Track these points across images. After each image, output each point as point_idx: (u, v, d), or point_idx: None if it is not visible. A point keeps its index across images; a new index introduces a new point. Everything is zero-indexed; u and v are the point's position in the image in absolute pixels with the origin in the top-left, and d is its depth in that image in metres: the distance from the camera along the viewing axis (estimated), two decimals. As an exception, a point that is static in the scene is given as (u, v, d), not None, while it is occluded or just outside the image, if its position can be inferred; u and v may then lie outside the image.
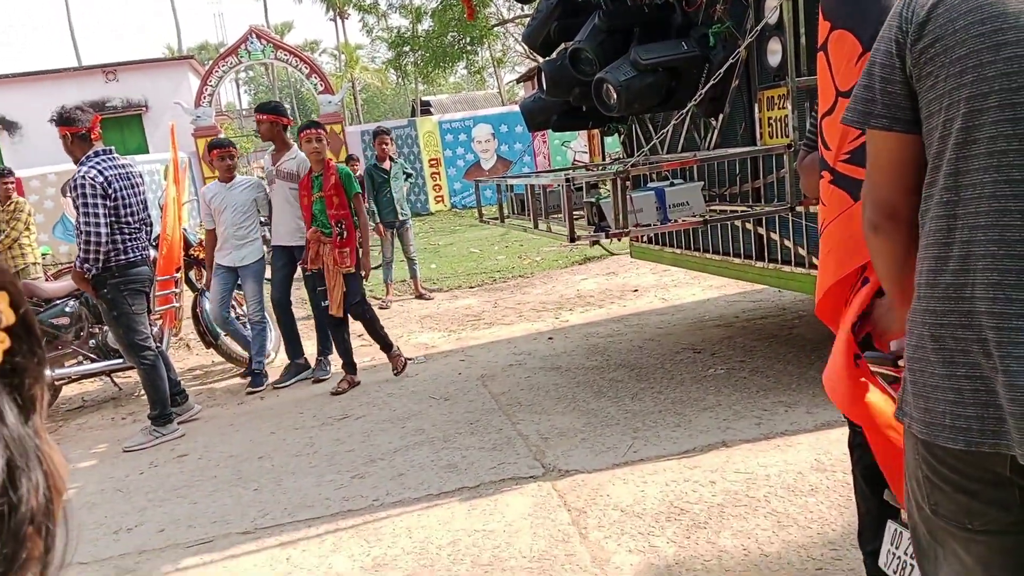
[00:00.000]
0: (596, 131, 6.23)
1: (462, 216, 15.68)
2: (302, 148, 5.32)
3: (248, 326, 5.70)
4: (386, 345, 5.37)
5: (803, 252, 4.01)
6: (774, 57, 4.03)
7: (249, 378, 5.58)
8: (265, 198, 5.67)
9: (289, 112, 6.25)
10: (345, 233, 5.10)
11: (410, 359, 5.81)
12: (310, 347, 5.83)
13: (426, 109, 24.41)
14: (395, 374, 5.35)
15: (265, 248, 5.72)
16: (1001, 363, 1.15)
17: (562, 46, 5.07)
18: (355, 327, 5.45)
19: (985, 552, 1.25)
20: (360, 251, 5.22)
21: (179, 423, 4.83)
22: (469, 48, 25.37)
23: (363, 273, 5.36)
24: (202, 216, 5.73)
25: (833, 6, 1.74)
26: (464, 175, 16.80)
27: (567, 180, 4.06)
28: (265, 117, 5.52)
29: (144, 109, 22.02)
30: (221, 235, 5.56)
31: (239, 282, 5.66)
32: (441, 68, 26.63)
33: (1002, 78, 1.12)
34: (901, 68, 1.25)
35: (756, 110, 4.29)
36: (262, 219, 5.80)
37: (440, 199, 16.96)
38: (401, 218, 7.78)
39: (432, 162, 16.87)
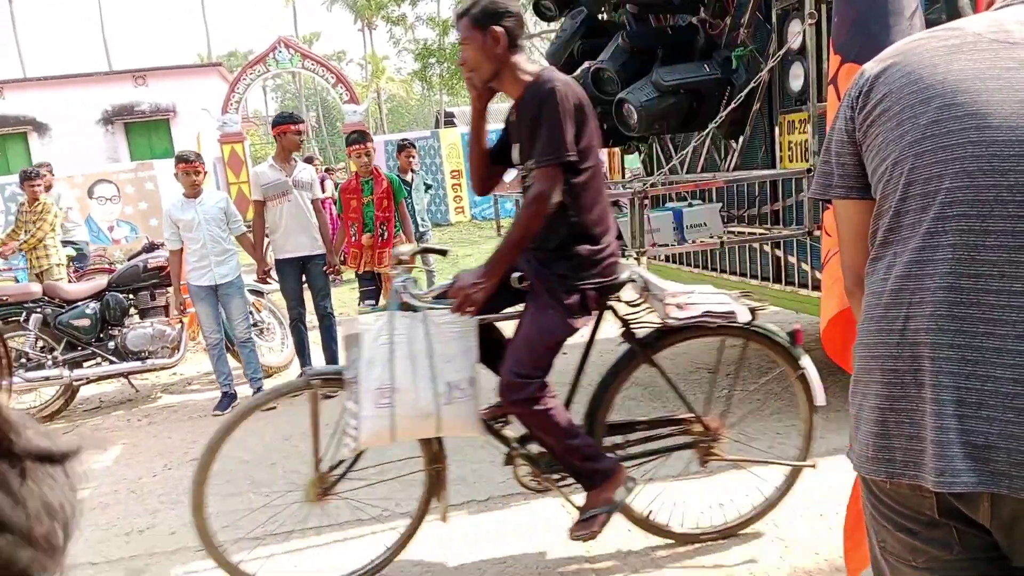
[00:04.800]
0: (616, 149, 6.27)
1: (482, 228, 15.74)
2: (352, 161, 5.79)
3: (241, 343, 5.44)
4: None
5: (820, 275, 4.00)
6: (796, 82, 4.05)
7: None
8: (234, 210, 5.45)
9: (316, 120, 6.37)
10: (386, 235, 5.51)
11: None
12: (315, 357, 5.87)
13: (450, 120, 24.53)
14: None
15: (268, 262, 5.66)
16: (932, 392, 1.19)
17: (585, 65, 5.12)
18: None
19: None
20: None
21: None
22: (494, 62, 25.55)
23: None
24: (166, 235, 5.35)
25: (844, 40, 1.76)
26: (485, 187, 16.92)
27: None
28: (298, 127, 5.53)
29: (172, 114, 22.36)
30: (195, 253, 5.25)
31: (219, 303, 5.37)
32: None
33: (933, 124, 1.22)
34: (851, 141, 1.36)
35: (777, 133, 4.30)
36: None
37: (460, 210, 17.06)
38: (422, 229, 7.82)
39: (454, 173, 16.98)
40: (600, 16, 5.28)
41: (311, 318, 5.66)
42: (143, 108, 22.41)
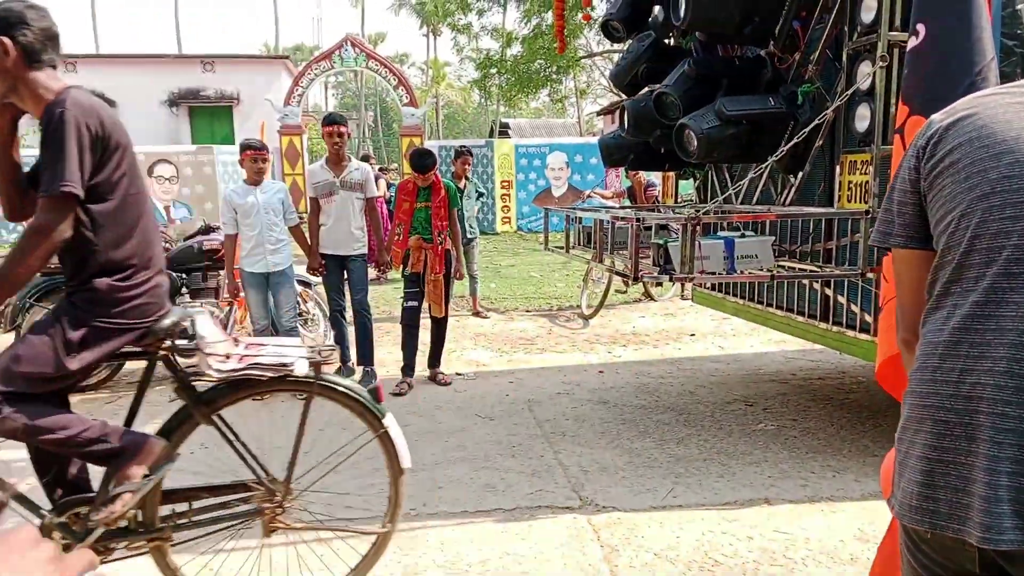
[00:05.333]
0: (671, 174, 6.27)
1: (527, 239, 15.80)
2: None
3: (286, 331, 5.47)
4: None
5: (869, 319, 3.97)
6: (862, 123, 4.01)
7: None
8: (290, 202, 5.58)
9: (374, 119, 6.49)
10: (444, 242, 5.63)
11: (460, 374, 5.92)
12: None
13: (504, 131, 24.73)
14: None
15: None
16: (985, 447, 1.19)
17: (647, 88, 5.13)
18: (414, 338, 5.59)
19: None
20: (455, 258, 5.79)
21: None
22: (554, 76, 25.63)
23: (456, 277, 5.92)
24: (223, 220, 5.46)
25: (912, 92, 1.77)
26: (534, 200, 16.97)
27: (637, 220, 4.10)
28: (340, 129, 5.64)
29: (236, 101, 22.85)
30: (250, 239, 5.34)
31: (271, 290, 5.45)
32: (524, 93, 26.96)
33: (1004, 180, 1.22)
34: (915, 191, 1.38)
35: (837, 172, 4.27)
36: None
37: (507, 220, 17.14)
38: (469, 236, 7.90)
39: (504, 184, 17.08)
40: (667, 41, 5.30)
41: (351, 313, 5.77)
42: (208, 93, 22.93)
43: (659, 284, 4.30)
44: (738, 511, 3.50)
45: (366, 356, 5.75)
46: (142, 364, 2.64)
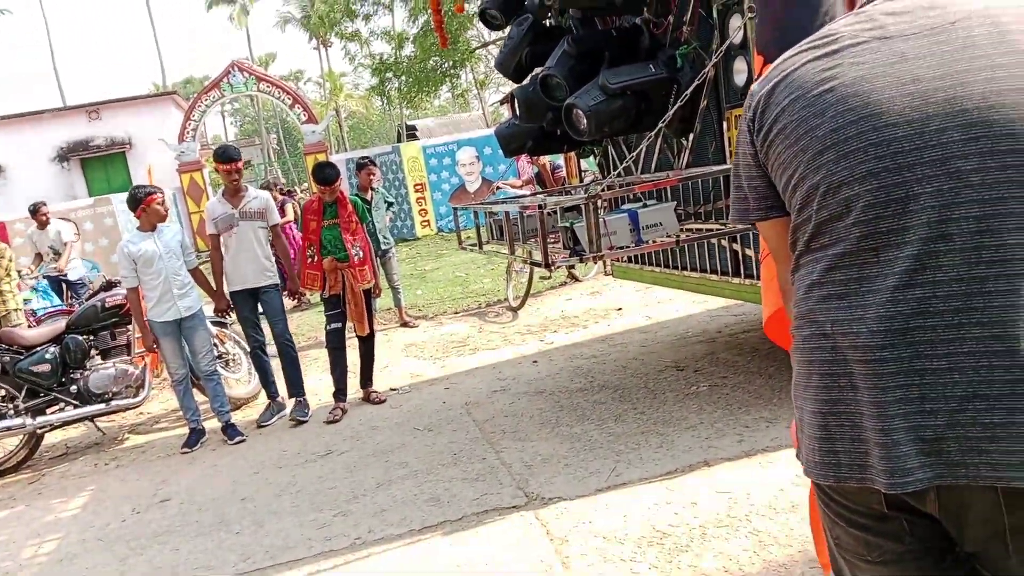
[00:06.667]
0: (572, 154, 6.27)
1: (449, 240, 15.67)
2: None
3: (206, 376, 5.34)
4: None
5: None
6: (740, 76, 4.06)
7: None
8: (188, 243, 5.41)
9: (277, 141, 6.33)
10: (362, 254, 5.49)
11: (394, 389, 5.82)
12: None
13: (412, 133, 24.49)
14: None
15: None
16: (867, 395, 1.19)
17: (536, 71, 5.10)
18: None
19: None
20: (372, 274, 5.67)
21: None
22: (451, 72, 25.53)
23: (375, 294, 5.82)
24: (123, 273, 5.18)
25: (765, 40, 1.76)
26: (450, 198, 16.82)
27: (540, 207, 4.07)
28: (230, 165, 5.46)
29: (128, 146, 22.09)
30: (156, 288, 5.10)
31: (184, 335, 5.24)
32: (424, 93, 26.79)
33: (832, 134, 1.22)
34: (757, 164, 1.37)
35: (725, 129, 4.32)
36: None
37: (427, 223, 16.98)
38: (384, 247, 7.76)
39: (417, 187, 16.90)
40: (547, 22, 5.27)
41: (274, 347, 5.61)
42: (98, 142, 22.10)
43: (573, 265, 4.28)
44: (680, 478, 3.52)
45: (296, 386, 5.60)
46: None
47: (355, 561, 3.26)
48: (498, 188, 9.30)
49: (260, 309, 5.63)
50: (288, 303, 5.77)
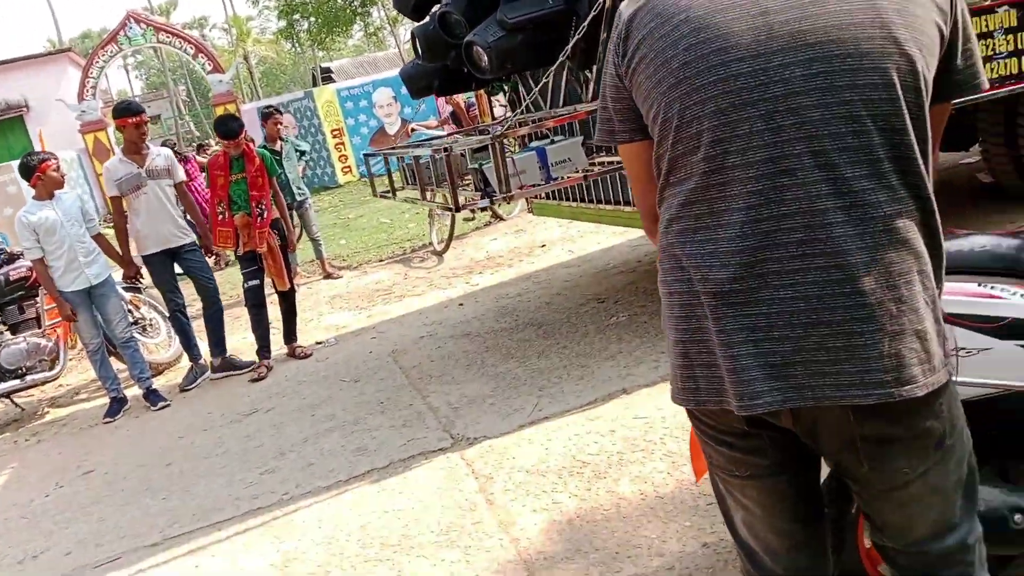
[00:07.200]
0: (483, 91, 6.19)
1: (372, 186, 15.42)
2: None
3: (122, 344, 5.19)
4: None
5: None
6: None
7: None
8: (90, 208, 5.19)
9: (187, 93, 6.07)
10: (265, 213, 5.29)
11: (320, 342, 5.79)
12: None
13: (328, 76, 23.74)
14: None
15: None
16: (716, 324, 1.24)
17: (434, 9, 4.98)
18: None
19: (757, 495, 1.39)
20: (285, 228, 5.55)
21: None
22: (361, 10, 24.74)
23: (290, 249, 5.67)
24: (25, 246, 4.95)
25: None
26: (370, 142, 16.46)
27: (445, 150, 4.03)
28: (137, 118, 5.23)
29: (25, 109, 20.89)
30: (61, 257, 4.88)
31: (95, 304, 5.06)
32: (335, 33, 25.93)
33: (684, 67, 1.23)
34: (622, 87, 1.36)
35: (627, 59, 4.31)
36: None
37: (348, 169, 16.63)
38: (299, 198, 7.60)
39: (335, 132, 16.50)
40: (444, -44, 5.12)
41: (199, 306, 5.49)
42: (-8, 107, 20.82)
43: (495, 204, 4.29)
44: (600, 408, 3.62)
45: (223, 347, 5.52)
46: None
47: (283, 516, 3.28)
48: (413, 130, 9.15)
49: (178, 270, 5.48)
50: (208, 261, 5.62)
